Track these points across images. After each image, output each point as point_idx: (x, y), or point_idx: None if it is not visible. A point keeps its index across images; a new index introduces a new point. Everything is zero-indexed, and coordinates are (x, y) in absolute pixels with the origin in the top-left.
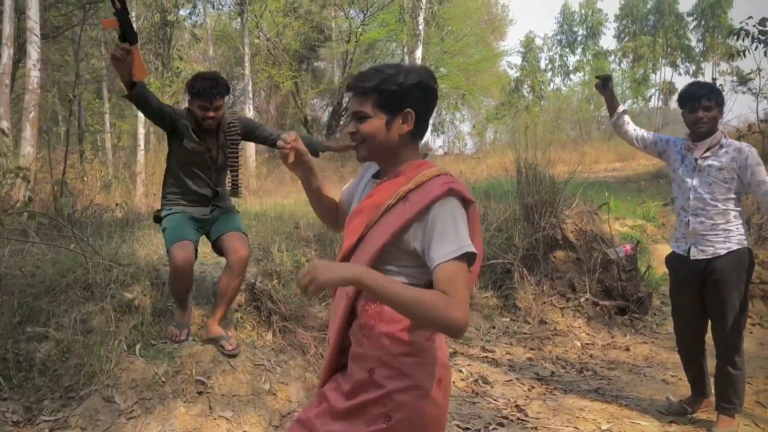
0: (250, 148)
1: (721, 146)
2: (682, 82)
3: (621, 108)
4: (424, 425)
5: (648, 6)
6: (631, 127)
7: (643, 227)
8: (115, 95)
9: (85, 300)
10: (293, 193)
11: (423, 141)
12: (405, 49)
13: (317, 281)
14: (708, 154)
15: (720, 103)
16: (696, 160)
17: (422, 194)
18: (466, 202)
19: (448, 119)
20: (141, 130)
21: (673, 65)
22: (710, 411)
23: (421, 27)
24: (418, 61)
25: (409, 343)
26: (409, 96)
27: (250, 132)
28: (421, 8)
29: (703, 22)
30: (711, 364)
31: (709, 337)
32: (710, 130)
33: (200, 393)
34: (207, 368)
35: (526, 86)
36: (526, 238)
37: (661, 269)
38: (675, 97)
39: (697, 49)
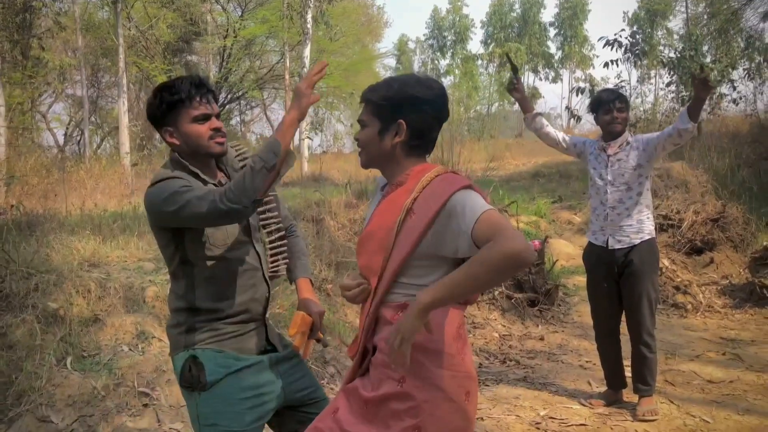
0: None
1: (629, 143)
2: (543, 87)
3: (536, 110)
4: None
5: (514, 14)
6: (552, 130)
7: (537, 223)
8: None
9: (1, 311)
10: None
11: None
12: (286, 47)
13: (406, 339)
14: (618, 151)
15: (628, 104)
16: (609, 157)
17: (427, 203)
18: (480, 194)
19: (326, 118)
20: None
21: (535, 71)
22: (628, 393)
23: (309, 26)
24: (306, 60)
25: (440, 355)
26: (401, 108)
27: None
28: (309, 6)
29: (562, 32)
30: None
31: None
32: (622, 130)
33: (146, 405)
34: (150, 379)
35: None
36: None
37: (560, 263)
38: (539, 101)
39: (556, 57)
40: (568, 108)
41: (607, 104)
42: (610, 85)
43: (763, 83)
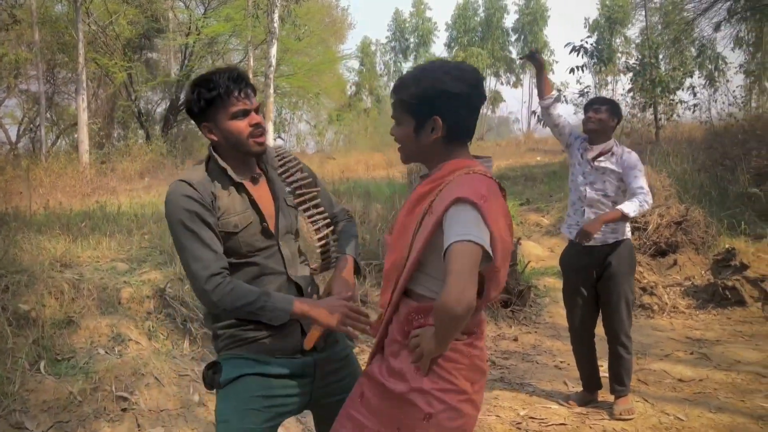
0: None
1: (613, 153)
2: (505, 91)
3: (556, 93)
4: (462, 427)
5: (478, 19)
6: (558, 113)
7: None
8: None
9: None
10: (138, 189)
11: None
12: (250, 46)
13: (426, 353)
14: (601, 158)
15: (613, 111)
16: (590, 160)
17: (438, 206)
18: (475, 204)
19: (288, 118)
20: None
21: (497, 75)
22: (603, 392)
23: (276, 25)
24: (272, 59)
25: (450, 350)
26: (433, 104)
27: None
28: (276, 5)
29: (523, 37)
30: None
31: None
32: (600, 133)
33: (124, 410)
34: (128, 383)
35: (365, 90)
36: None
37: (531, 265)
38: (500, 105)
39: (518, 62)
40: (534, 112)
41: (589, 105)
42: (572, 90)
43: (716, 91)
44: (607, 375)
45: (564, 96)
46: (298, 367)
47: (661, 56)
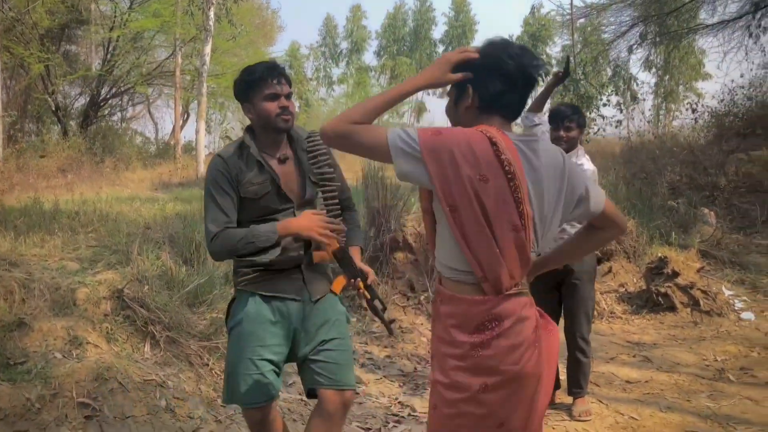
0: None
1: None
2: (431, 102)
3: (543, 118)
4: (462, 424)
5: (406, 29)
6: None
7: None
8: None
9: None
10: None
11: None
12: (178, 43)
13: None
14: None
15: (581, 124)
16: None
17: None
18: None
19: (214, 119)
20: None
21: None
22: (560, 394)
23: (211, 22)
24: (206, 58)
25: (452, 344)
26: (470, 72)
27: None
28: (212, 2)
29: (451, 49)
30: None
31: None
32: (570, 148)
33: (88, 418)
34: (91, 388)
35: (294, 94)
36: (372, 241)
37: None
38: (424, 114)
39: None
40: None
41: (558, 120)
42: None
43: (633, 109)
44: (564, 377)
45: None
46: (288, 311)
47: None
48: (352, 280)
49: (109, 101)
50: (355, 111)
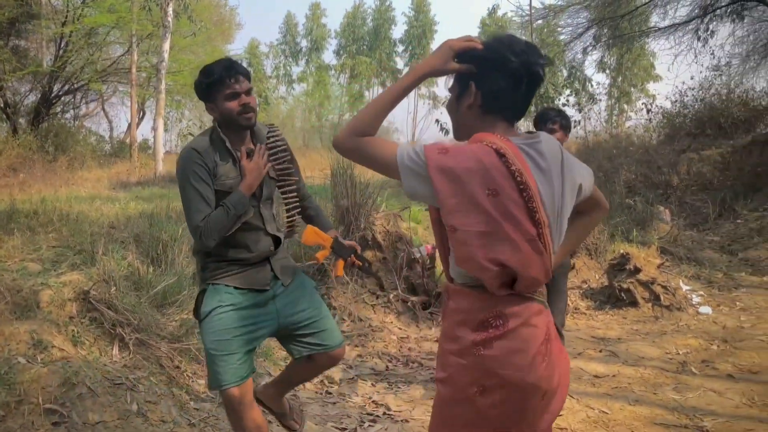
0: None
1: None
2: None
3: None
4: (454, 423)
5: (366, 29)
6: None
7: (414, 229)
8: None
9: None
10: (13, 186)
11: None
12: (134, 39)
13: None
14: None
15: (564, 125)
16: None
17: None
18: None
19: (171, 117)
20: None
21: (383, 85)
22: None
23: (170, 18)
24: (165, 55)
25: (455, 340)
26: (471, 68)
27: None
28: None
29: (411, 49)
30: None
31: None
32: None
33: (56, 424)
34: (58, 394)
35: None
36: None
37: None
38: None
39: (404, 72)
40: (437, 121)
41: (542, 124)
42: None
43: (590, 110)
44: None
45: None
46: (263, 300)
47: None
48: (348, 259)
49: (62, 98)
50: (362, 119)
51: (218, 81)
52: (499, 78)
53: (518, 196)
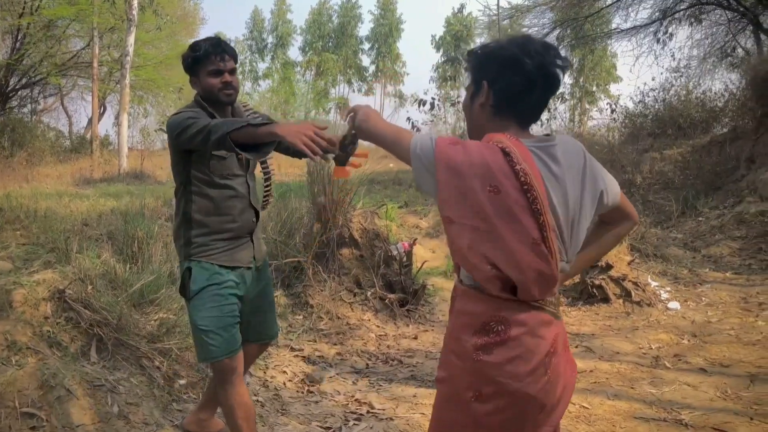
0: None
1: None
2: (356, 99)
3: None
4: (452, 427)
5: (332, 26)
6: None
7: (389, 227)
8: None
9: None
10: None
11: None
12: (96, 32)
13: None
14: None
15: None
16: None
17: None
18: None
19: (133, 112)
20: None
21: (349, 83)
22: None
23: (135, 12)
24: (130, 48)
25: (456, 341)
26: (485, 67)
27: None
28: None
29: (377, 47)
30: None
31: None
32: None
33: (33, 429)
34: (35, 397)
35: None
36: (318, 236)
37: (418, 265)
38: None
39: (370, 70)
40: (409, 119)
41: None
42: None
43: (556, 108)
44: None
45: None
46: (243, 276)
47: None
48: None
49: (19, 92)
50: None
51: (204, 56)
52: (512, 78)
53: (521, 196)
